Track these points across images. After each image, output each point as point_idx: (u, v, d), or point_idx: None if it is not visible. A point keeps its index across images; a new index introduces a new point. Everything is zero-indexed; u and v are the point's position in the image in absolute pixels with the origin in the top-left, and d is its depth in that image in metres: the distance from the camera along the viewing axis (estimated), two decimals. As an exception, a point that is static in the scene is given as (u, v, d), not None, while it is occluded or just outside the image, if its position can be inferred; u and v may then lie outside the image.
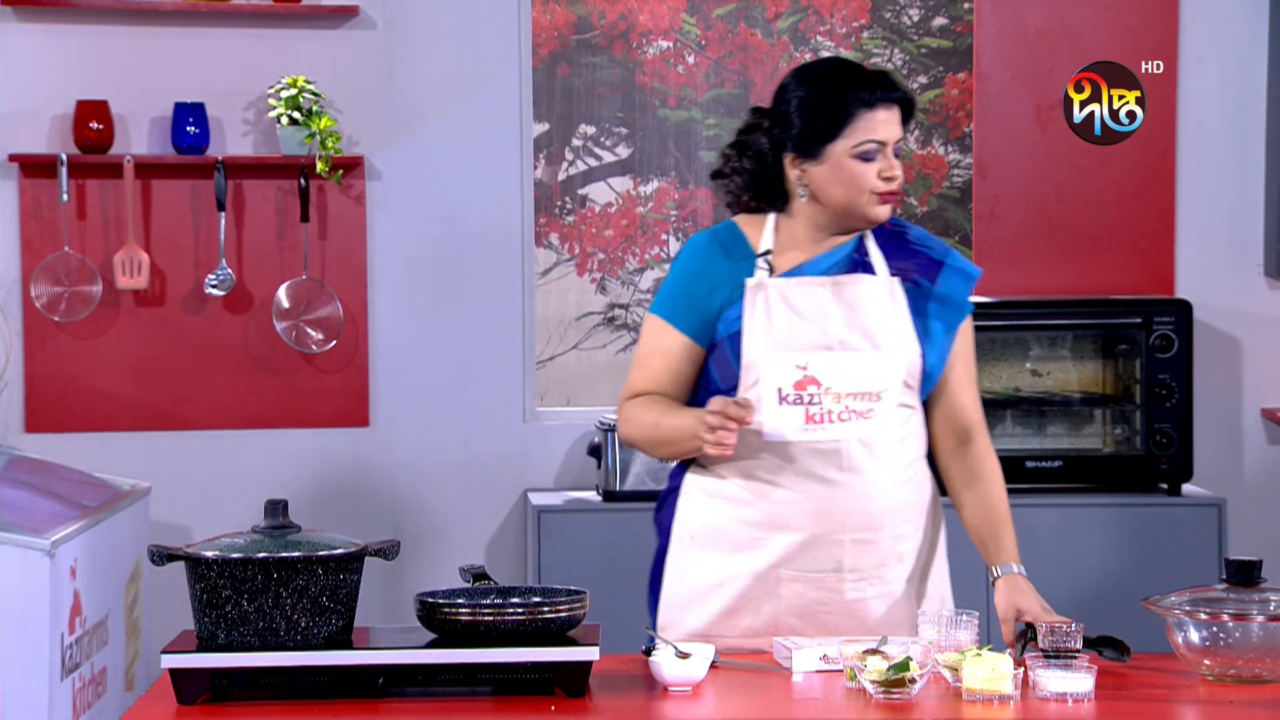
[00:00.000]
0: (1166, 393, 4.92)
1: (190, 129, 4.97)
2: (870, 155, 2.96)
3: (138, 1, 4.96)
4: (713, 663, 2.76)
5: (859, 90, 2.96)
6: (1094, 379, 5.10)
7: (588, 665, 2.64)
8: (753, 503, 3.00)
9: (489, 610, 2.64)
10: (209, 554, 2.61)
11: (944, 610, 2.86)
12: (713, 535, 3.03)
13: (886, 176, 2.97)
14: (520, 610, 2.63)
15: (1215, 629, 2.73)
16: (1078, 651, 2.71)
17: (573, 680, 2.64)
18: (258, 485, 4.92)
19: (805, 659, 2.80)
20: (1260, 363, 5.26)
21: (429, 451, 5.14)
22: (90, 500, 4.21)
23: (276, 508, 2.71)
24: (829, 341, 2.97)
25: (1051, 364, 5.10)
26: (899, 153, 2.99)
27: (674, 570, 3.08)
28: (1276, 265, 5.20)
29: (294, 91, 4.94)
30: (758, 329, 2.97)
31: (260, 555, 2.60)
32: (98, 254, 4.99)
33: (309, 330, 5.06)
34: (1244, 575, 2.81)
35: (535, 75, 5.23)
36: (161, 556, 2.64)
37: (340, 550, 2.64)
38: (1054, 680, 2.63)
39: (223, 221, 4.99)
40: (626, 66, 5.29)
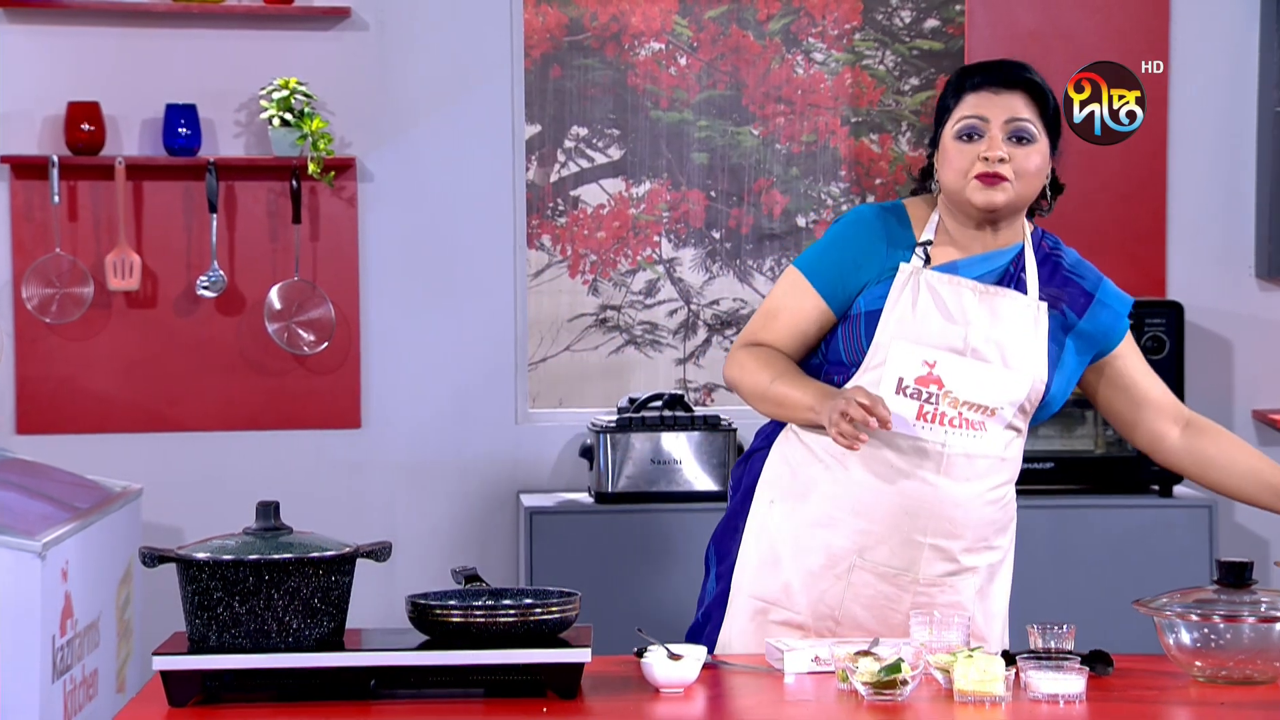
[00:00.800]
0: (1158, 394, 4.92)
1: (182, 130, 4.96)
2: (968, 133, 2.94)
3: (129, 3, 4.96)
4: (705, 664, 2.76)
5: (973, 74, 2.98)
6: (1085, 380, 5.11)
7: (579, 667, 2.64)
8: (841, 481, 2.97)
9: (481, 612, 2.63)
10: (200, 556, 2.61)
11: (935, 614, 2.86)
12: (793, 503, 3.01)
13: (986, 157, 2.92)
14: (512, 612, 2.63)
15: (1206, 630, 2.73)
16: (1069, 653, 2.72)
17: (564, 682, 2.64)
18: (249, 487, 4.92)
19: (797, 660, 2.80)
20: (1251, 364, 5.27)
21: (421, 453, 5.14)
22: (82, 502, 4.20)
23: (268, 509, 2.70)
24: (963, 346, 2.95)
25: (1043, 365, 5.10)
26: (1024, 135, 2.92)
27: (754, 530, 3.04)
28: (1268, 267, 5.21)
29: (286, 93, 4.94)
30: (899, 315, 2.95)
31: (252, 557, 2.60)
32: (89, 255, 4.99)
33: (301, 332, 5.06)
34: (1235, 577, 2.82)
35: (527, 77, 5.23)
36: (153, 558, 2.63)
37: (332, 552, 2.64)
38: (1045, 681, 2.63)
39: (214, 223, 4.99)
40: (618, 68, 5.29)
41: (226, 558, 2.60)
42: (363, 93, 5.08)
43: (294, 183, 4.99)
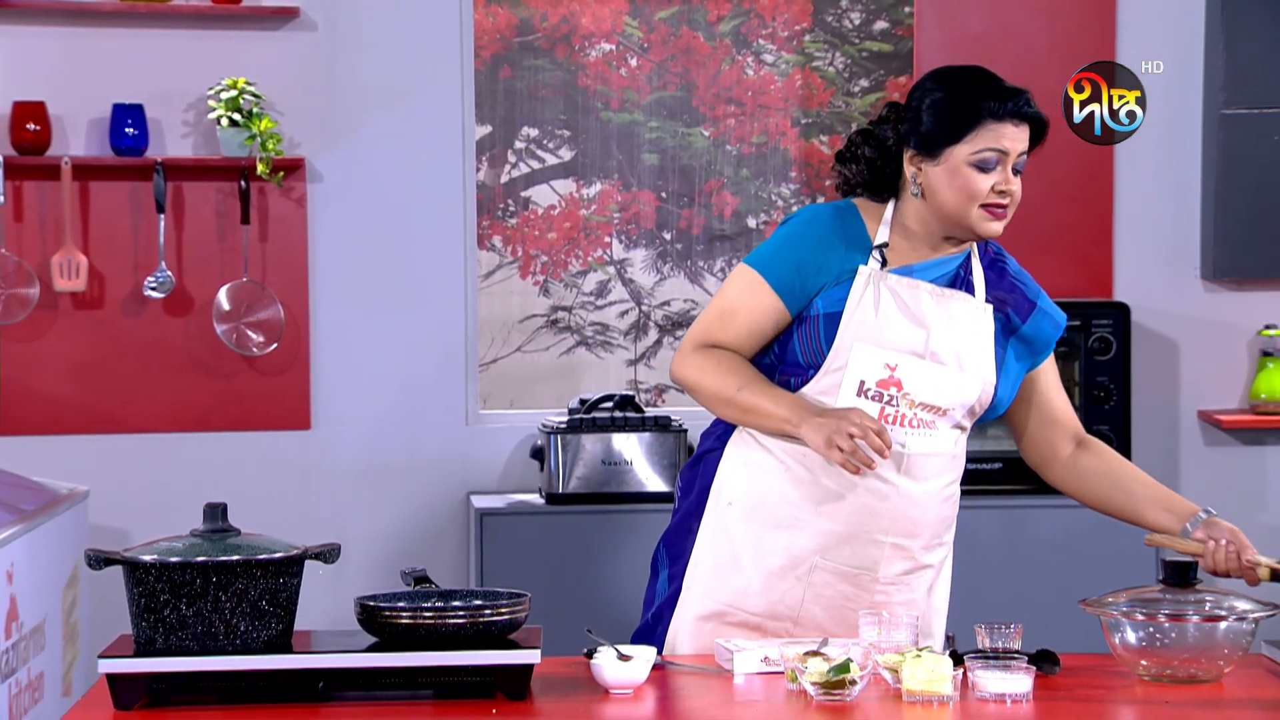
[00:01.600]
0: (1105, 395, 4.96)
1: (129, 130, 4.93)
2: (987, 165, 2.93)
3: (76, 2, 4.93)
4: (654, 665, 2.76)
5: (991, 99, 2.94)
6: (1034, 381, 5.14)
7: (529, 668, 2.64)
8: (802, 483, 2.98)
9: (430, 613, 2.63)
10: (147, 558, 2.59)
11: (884, 615, 2.87)
12: (752, 505, 3.01)
13: (1000, 190, 2.94)
14: (461, 613, 2.63)
15: (1152, 630, 2.75)
16: (1016, 653, 2.73)
17: (514, 683, 2.63)
18: (198, 489, 4.89)
19: (746, 661, 2.80)
20: (1197, 365, 5.31)
21: (371, 454, 5.12)
22: (27, 504, 4.17)
23: (215, 511, 2.69)
24: (923, 350, 2.97)
25: (992, 366, 5.13)
26: (1020, 170, 2.95)
27: (710, 532, 3.04)
28: (1213, 269, 5.25)
29: (234, 93, 4.91)
30: (861, 317, 2.96)
31: (199, 559, 2.58)
32: (35, 256, 4.95)
33: (250, 333, 5.03)
34: (1180, 577, 2.84)
35: (477, 77, 5.22)
36: (99, 560, 2.62)
37: (279, 554, 2.63)
38: (992, 681, 2.64)
39: (162, 224, 4.96)
40: (569, 69, 5.29)
41: (173, 560, 2.58)
42: (312, 93, 5.06)
43: (243, 183, 4.97)
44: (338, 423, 5.11)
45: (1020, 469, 5.05)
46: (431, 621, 2.62)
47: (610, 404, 4.98)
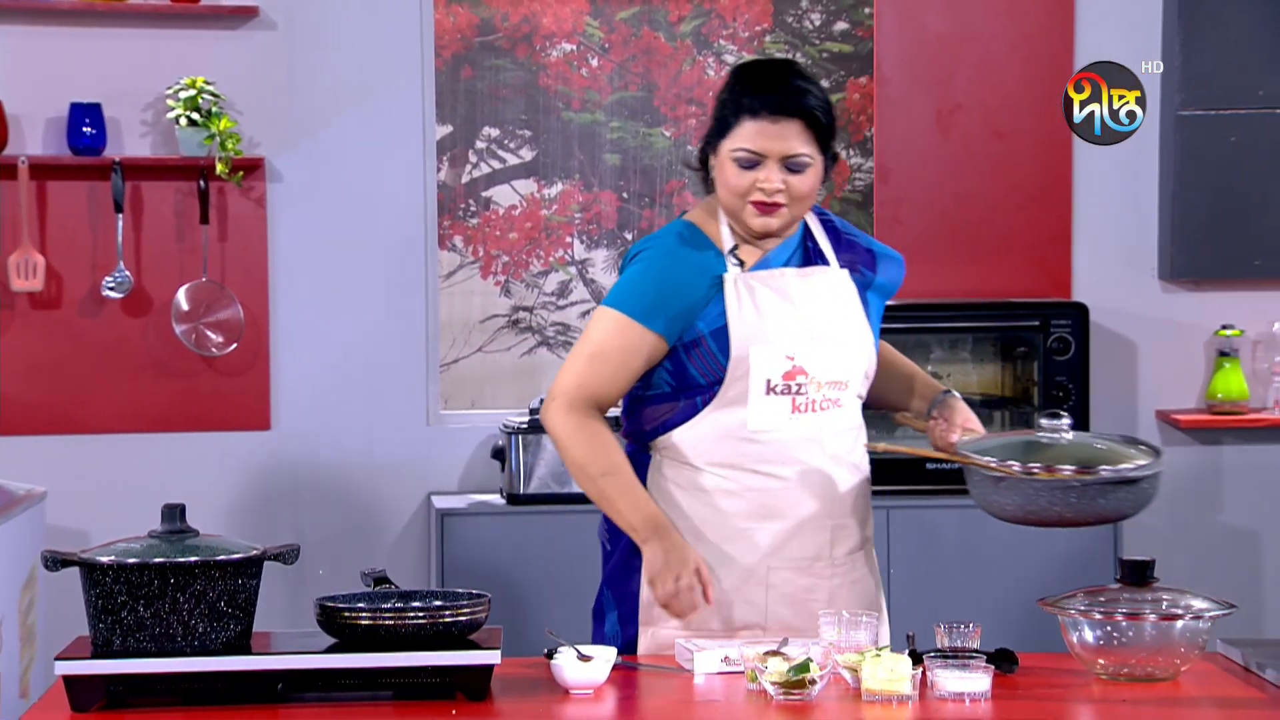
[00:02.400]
0: (1064, 395, 4.98)
1: (87, 130, 4.91)
2: (746, 163, 2.95)
3: (32, 0, 4.90)
4: (615, 665, 2.77)
5: (746, 97, 2.96)
6: (993, 381, 5.16)
7: (489, 669, 2.63)
8: (740, 493, 2.99)
9: (389, 614, 2.63)
10: (104, 559, 2.58)
11: (845, 612, 2.88)
12: (695, 528, 3.01)
13: (760, 188, 2.95)
14: (421, 614, 2.63)
15: (1109, 628, 2.76)
16: (975, 652, 2.74)
17: (474, 684, 2.63)
18: (157, 490, 4.85)
19: (707, 661, 2.81)
20: (1155, 365, 5.34)
21: (331, 455, 5.11)
22: (-16, 505, 4.14)
23: (174, 512, 2.68)
24: (813, 332, 2.99)
25: (952, 366, 5.15)
26: (798, 167, 2.95)
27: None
28: (1171, 269, 5.28)
29: (193, 92, 4.89)
30: (746, 321, 2.97)
31: (157, 560, 2.57)
32: (-8, 256, 4.92)
33: (209, 333, 5.01)
34: (1137, 575, 2.86)
35: (438, 77, 5.21)
36: (56, 562, 2.60)
37: (238, 555, 2.62)
38: (951, 680, 2.65)
39: (120, 223, 4.94)
40: (530, 69, 5.28)
41: (131, 561, 2.57)
42: (271, 93, 5.04)
43: (202, 183, 4.95)
44: (298, 423, 5.09)
45: (980, 469, 5.09)
46: (391, 622, 2.62)
47: (571, 404, 4.97)
